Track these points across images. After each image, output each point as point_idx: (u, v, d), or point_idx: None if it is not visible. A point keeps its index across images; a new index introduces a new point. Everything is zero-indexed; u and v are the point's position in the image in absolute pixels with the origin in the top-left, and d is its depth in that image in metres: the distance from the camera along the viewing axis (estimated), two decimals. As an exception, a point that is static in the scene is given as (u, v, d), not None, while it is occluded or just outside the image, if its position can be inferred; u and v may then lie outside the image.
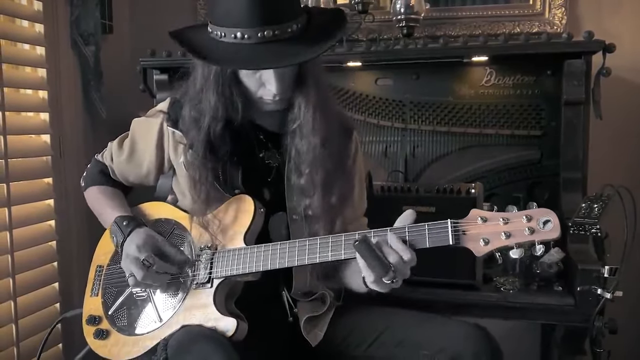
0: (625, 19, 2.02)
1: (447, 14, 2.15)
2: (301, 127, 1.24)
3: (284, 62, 1.15)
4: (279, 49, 1.13)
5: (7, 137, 1.77)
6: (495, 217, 1.06)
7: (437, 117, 1.94)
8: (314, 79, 1.25)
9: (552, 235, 1.04)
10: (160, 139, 1.34)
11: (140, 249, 1.22)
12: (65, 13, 2.03)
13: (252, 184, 1.28)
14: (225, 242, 1.24)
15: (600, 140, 1.91)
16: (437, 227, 1.09)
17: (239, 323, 1.16)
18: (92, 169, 1.47)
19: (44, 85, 1.95)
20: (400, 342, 1.23)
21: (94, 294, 1.36)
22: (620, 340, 1.58)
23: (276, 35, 1.12)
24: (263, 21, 1.11)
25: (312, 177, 1.24)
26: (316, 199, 1.24)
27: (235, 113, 1.23)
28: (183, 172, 1.30)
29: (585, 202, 1.43)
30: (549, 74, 1.84)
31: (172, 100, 1.35)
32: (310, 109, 1.23)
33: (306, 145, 1.24)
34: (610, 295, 1.37)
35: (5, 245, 1.77)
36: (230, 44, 1.14)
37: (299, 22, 1.17)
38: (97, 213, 1.42)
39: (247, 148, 1.30)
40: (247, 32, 1.12)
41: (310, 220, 1.26)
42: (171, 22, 2.35)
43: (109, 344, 1.28)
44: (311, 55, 1.14)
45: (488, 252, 1.07)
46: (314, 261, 1.16)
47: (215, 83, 1.21)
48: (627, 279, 1.40)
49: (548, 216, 1.04)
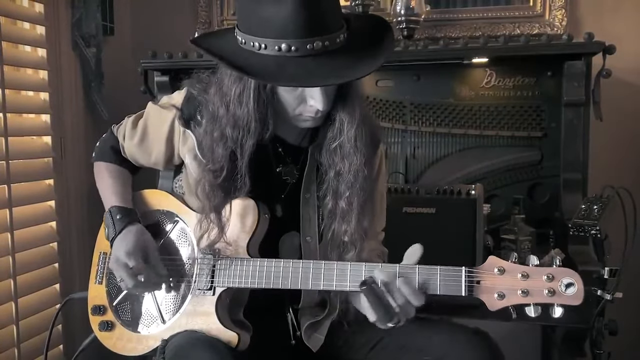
0: (626, 21, 2.03)
1: (447, 16, 2.16)
2: (342, 145, 1.15)
3: (341, 77, 1.04)
4: (329, 63, 1.03)
5: (9, 139, 1.77)
6: (514, 270, 0.99)
7: (438, 119, 1.94)
8: (357, 93, 1.16)
9: (573, 302, 0.96)
10: (170, 135, 1.26)
11: (129, 255, 1.18)
12: (66, 15, 2.04)
13: (263, 199, 1.21)
14: (228, 247, 1.19)
15: (600, 142, 1.91)
16: (450, 273, 1.04)
17: (241, 336, 1.14)
18: (105, 143, 1.39)
19: (45, 86, 1.95)
20: (402, 347, 1.21)
21: (98, 281, 1.34)
22: (621, 342, 1.58)
23: (325, 46, 1.02)
24: (312, 31, 1.00)
25: (351, 200, 1.16)
26: (353, 223, 1.16)
27: (266, 131, 1.14)
28: (191, 171, 1.25)
29: (585, 203, 1.44)
30: (549, 76, 1.84)
31: (187, 95, 1.24)
32: (354, 127, 1.14)
33: (347, 165, 1.15)
34: (610, 296, 1.37)
35: (7, 247, 1.77)
36: (271, 56, 1.02)
37: (344, 32, 1.07)
38: (99, 189, 1.36)
39: (263, 161, 1.21)
40: (294, 44, 1.00)
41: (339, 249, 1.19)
42: (172, 24, 2.40)
43: (114, 337, 1.28)
44: (369, 69, 1.05)
45: (502, 308, 1.01)
46: (318, 288, 1.13)
47: (254, 99, 1.10)
48: (627, 280, 1.40)
49: (572, 279, 0.96)
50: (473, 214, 1.57)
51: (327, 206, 1.20)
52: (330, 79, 1.05)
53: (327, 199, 1.20)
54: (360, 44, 1.09)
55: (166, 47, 2.04)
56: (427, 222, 1.61)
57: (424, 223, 1.61)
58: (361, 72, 1.05)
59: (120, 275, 1.20)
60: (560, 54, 1.74)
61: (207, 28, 2.32)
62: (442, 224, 1.60)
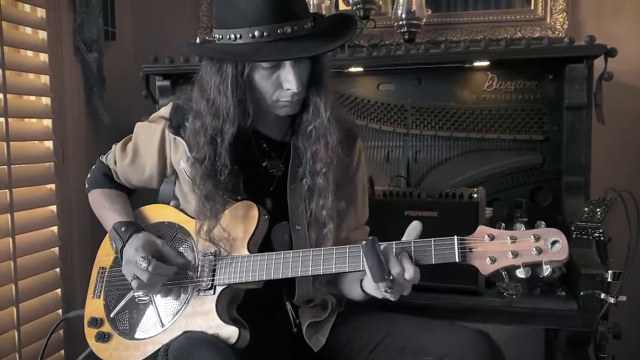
0: (627, 24, 2.02)
1: (448, 20, 2.16)
2: (317, 128, 1.23)
3: (310, 52, 1.15)
4: (298, 44, 1.14)
5: (10, 143, 1.77)
6: (502, 235, 1.04)
7: (439, 122, 1.94)
8: (327, 78, 1.26)
9: (560, 256, 1.01)
10: (162, 145, 1.33)
11: (138, 251, 1.21)
12: (68, 20, 2.04)
13: (254, 193, 1.27)
14: (228, 249, 1.22)
15: (602, 144, 1.90)
16: (443, 243, 1.08)
17: (241, 331, 1.15)
18: (96, 172, 1.46)
19: (47, 91, 1.95)
20: (403, 348, 1.22)
21: (95, 295, 1.35)
22: (625, 346, 1.57)
23: (295, 31, 1.13)
24: (281, 18, 1.12)
25: (328, 177, 1.23)
26: (330, 200, 1.23)
27: (247, 119, 1.22)
28: (185, 177, 1.29)
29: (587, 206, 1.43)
30: (550, 79, 1.83)
31: (174, 106, 1.33)
32: (328, 108, 1.23)
33: (323, 144, 1.23)
34: (614, 299, 1.36)
35: (8, 251, 1.77)
36: (248, 44, 1.13)
37: (311, 21, 1.19)
38: (99, 216, 1.41)
39: (249, 157, 1.28)
40: (266, 30, 1.12)
41: (318, 225, 1.24)
42: (173, 28, 2.40)
43: (110, 348, 1.28)
44: (336, 44, 1.17)
45: (494, 271, 1.05)
46: (318, 273, 1.14)
47: (231, 88, 1.18)
48: (630, 283, 1.39)
49: (556, 236, 1.01)
50: (475, 217, 1.56)
51: (305, 187, 1.26)
52: (299, 54, 1.15)
53: (304, 179, 1.26)
54: (326, 30, 1.21)
55: (168, 51, 2.04)
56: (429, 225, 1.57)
57: (426, 226, 1.56)
58: (327, 48, 1.16)
59: (133, 272, 1.20)
60: (561, 57, 1.73)
61: (208, 32, 2.32)
62: (444, 227, 1.55)
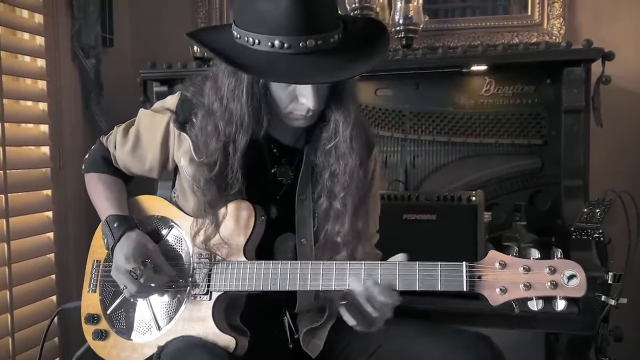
0: (623, 29, 2.03)
1: (446, 26, 2.17)
2: (337, 146, 1.16)
3: (331, 77, 1.05)
4: (320, 61, 1.03)
5: (7, 149, 1.77)
6: (515, 264, 0.98)
7: (437, 127, 1.94)
8: (351, 94, 1.16)
9: (577, 293, 0.94)
10: (165, 138, 1.25)
11: (129, 259, 1.16)
12: (66, 26, 2.05)
13: (258, 200, 1.20)
14: (224, 251, 1.18)
15: (601, 148, 1.90)
16: (451, 268, 1.02)
17: (239, 340, 1.13)
18: (95, 153, 1.39)
19: (44, 97, 1.95)
20: (401, 353, 1.20)
21: (91, 289, 1.32)
22: (626, 348, 1.55)
23: (318, 45, 1.02)
24: (305, 30, 1.01)
25: (346, 201, 1.16)
26: (347, 225, 1.16)
27: (260, 128, 1.14)
28: (185, 175, 1.24)
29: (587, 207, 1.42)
30: (548, 83, 1.83)
31: (181, 98, 1.24)
32: (348, 128, 1.14)
33: (343, 166, 1.15)
34: (614, 302, 1.35)
35: (3, 257, 1.76)
36: (264, 52, 1.03)
37: (339, 32, 1.07)
38: (93, 202, 1.35)
39: (258, 161, 1.21)
40: (287, 41, 1.01)
41: (331, 248, 1.19)
42: (171, 34, 2.40)
43: (108, 346, 1.26)
44: (360, 69, 1.05)
45: (505, 303, 0.99)
46: (317, 288, 1.11)
47: (246, 94, 1.10)
48: (631, 285, 1.38)
49: (574, 270, 0.95)
50: (474, 220, 1.55)
51: (321, 207, 1.20)
52: (319, 78, 1.05)
53: (321, 199, 1.20)
54: (354, 45, 1.09)
55: (165, 57, 2.05)
56: (428, 228, 1.59)
57: (424, 230, 1.59)
58: (350, 73, 1.05)
59: (123, 282, 1.18)
60: (559, 61, 1.73)
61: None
62: (443, 230, 1.58)
